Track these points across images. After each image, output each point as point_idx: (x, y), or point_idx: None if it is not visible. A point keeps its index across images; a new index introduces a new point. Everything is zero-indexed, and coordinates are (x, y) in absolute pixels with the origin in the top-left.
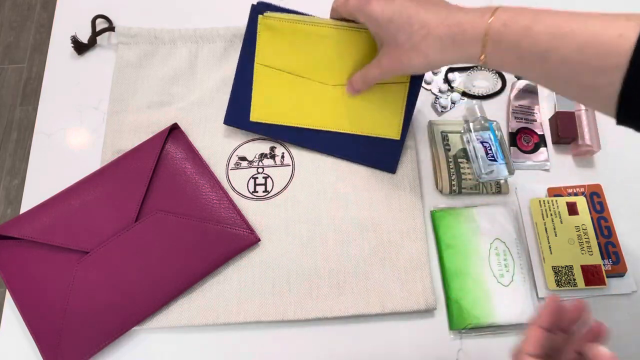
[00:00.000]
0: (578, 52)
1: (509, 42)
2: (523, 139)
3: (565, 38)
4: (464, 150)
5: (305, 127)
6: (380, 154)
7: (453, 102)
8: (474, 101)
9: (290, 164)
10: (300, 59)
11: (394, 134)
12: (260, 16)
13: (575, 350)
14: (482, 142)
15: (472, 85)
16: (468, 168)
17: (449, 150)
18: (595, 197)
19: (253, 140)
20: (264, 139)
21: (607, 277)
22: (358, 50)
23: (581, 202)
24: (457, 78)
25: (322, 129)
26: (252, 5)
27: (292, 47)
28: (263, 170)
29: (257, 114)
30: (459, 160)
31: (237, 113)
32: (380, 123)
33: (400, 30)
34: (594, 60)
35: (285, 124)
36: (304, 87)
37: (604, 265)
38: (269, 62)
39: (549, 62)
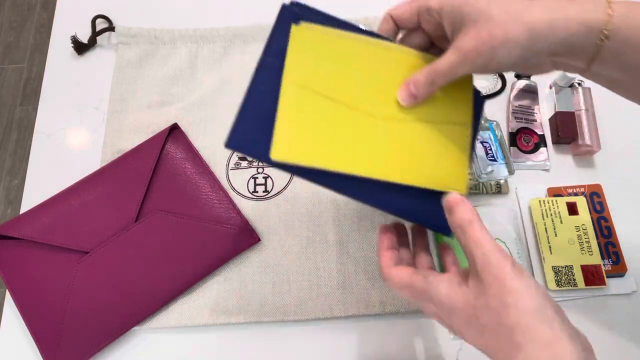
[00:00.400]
0: None
1: (636, 41)
2: (523, 139)
3: None
4: None
5: (342, 172)
6: (436, 211)
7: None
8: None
9: None
10: (343, 83)
11: (459, 186)
12: (294, 26)
13: None
14: (482, 142)
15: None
16: None
17: None
18: (595, 197)
19: None
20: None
21: (607, 277)
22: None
23: (581, 202)
24: None
25: (366, 176)
26: (283, 5)
27: (334, 67)
28: (263, 170)
29: (281, 151)
30: None
31: (247, 137)
32: (442, 172)
33: (492, 2)
34: None
35: (316, 167)
36: (346, 119)
37: (604, 265)
38: (303, 83)
39: None
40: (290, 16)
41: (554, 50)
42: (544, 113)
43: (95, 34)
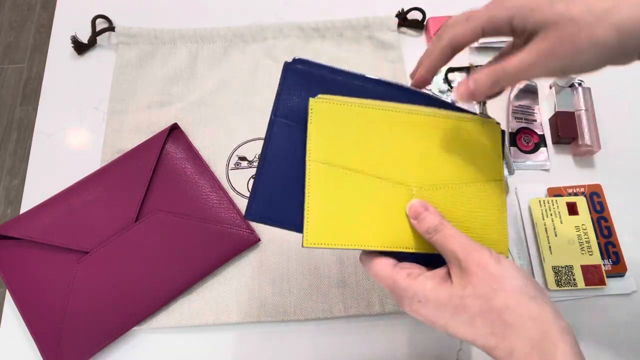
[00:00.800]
0: None
1: None
2: (523, 139)
3: None
4: None
5: (381, 249)
6: None
7: (453, 102)
8: (474, 101)
9: None
10: (369, 154)
11: (500, 247)
12: (311, 99)
13: None
14: None
15: None
16: None
17: None
18: (595, 197)
19: (253, 140)
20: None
21: (607, 277)
22: (450, 141)
23: (581, 202)
24: (457, 78)
25: (406, 250)
26: (286, 62)
27: (358, 139)
28: None
29: (315, 237)
30: None
31: (269, 206)
32: (483, 235)
33: (573, 2)
34: None
35: (358, 247)
36: (378, 191)
37: (604, 265)
38: (329, 160)
39: None
40: (293, 73)
41: None
42: (544, 113)
43: (95, 34)
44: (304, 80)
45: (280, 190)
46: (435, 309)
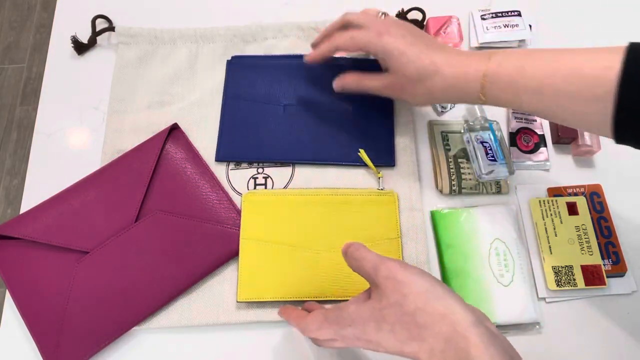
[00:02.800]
0: (569, 84)
1: (505, 81)
2: (523, 139)
3: (556, 73)
4: (464, 150)
5: (300, 299)
6: None
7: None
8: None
9: (290, 164)
10: (285, 229)
11: None
12: (243, 195)
13: None
14: (482, 142)
15: None
16: (468, 168)
17: (449, 150)
18: (595, 197)
19: None
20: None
21: (607, 277)
22: (346, 215)
23: (581, 202)
24: None
25: (319, 299)
26: (227, 61)
27: (276, 219)
28: (263, 170)
29: (246, 294)
30: (459, 160)
31: (229, 148)
32: None
33: (410, 62)
34: (584, 91)
35: (279, 299)
36: (293, 256)
37: (604, 265)
38: (255, 237)
39: (543, 95)
40: (233, 66)
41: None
42: None
43: (95, 34)
44: (241, 69)
45: (236, 139)
46: (364, 327)
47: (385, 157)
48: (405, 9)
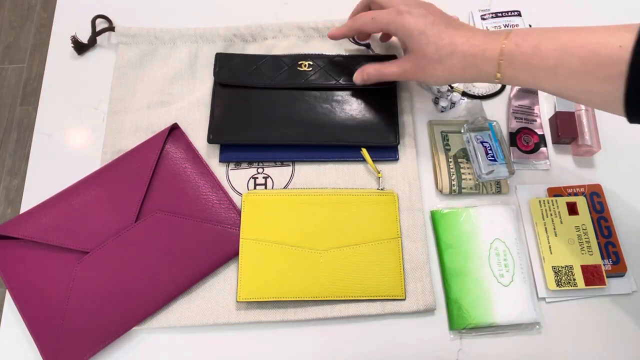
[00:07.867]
0: (583, 64)
1: (521, 60)
2: (523, 139)
3: (571, 52)
4: (464, 150)
5: (300, 299)
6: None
7: (453, 103)
8: (474, 101)
9: (290, 164)
10: (284, 229)
11: (397, 293)
12: (243, 195)
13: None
14: (482, 142)
15: (472, 85)
16: (468, 168)
17: (449, 150)
18: (595, 197)
19: None
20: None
21: (607, 277)
22: (346, 215)
23: (581, 202)
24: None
25: (319, 299)
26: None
27: (276, 219)
28: (263, 170)
29: (246, 293)
30: (459, 160)
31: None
32: (381, 284)
33: (430, 43)
34: (598, 71)
35: (279, 299)
36: (292, 256)
37: (604, 265)
38: (255, 237)
39: (558, 75)
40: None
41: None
42: (544, 113)
43: (95, 34)
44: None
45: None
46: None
47: (389, 151)
48: None
